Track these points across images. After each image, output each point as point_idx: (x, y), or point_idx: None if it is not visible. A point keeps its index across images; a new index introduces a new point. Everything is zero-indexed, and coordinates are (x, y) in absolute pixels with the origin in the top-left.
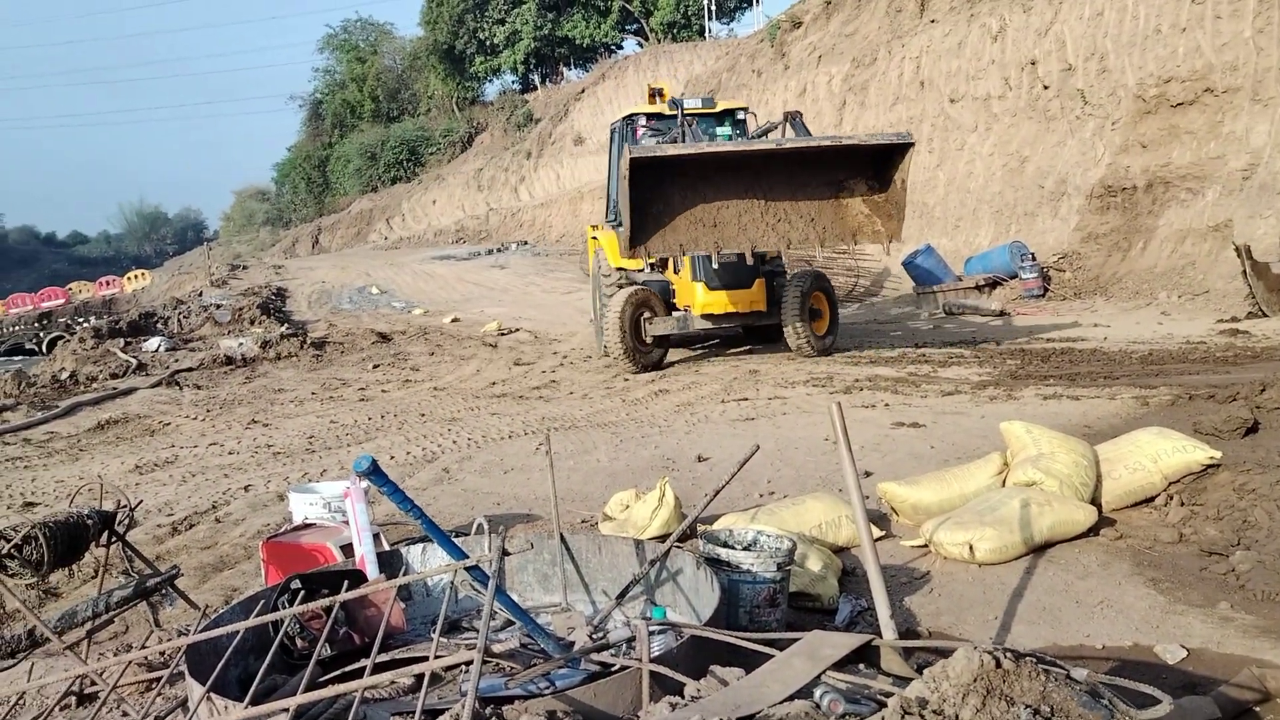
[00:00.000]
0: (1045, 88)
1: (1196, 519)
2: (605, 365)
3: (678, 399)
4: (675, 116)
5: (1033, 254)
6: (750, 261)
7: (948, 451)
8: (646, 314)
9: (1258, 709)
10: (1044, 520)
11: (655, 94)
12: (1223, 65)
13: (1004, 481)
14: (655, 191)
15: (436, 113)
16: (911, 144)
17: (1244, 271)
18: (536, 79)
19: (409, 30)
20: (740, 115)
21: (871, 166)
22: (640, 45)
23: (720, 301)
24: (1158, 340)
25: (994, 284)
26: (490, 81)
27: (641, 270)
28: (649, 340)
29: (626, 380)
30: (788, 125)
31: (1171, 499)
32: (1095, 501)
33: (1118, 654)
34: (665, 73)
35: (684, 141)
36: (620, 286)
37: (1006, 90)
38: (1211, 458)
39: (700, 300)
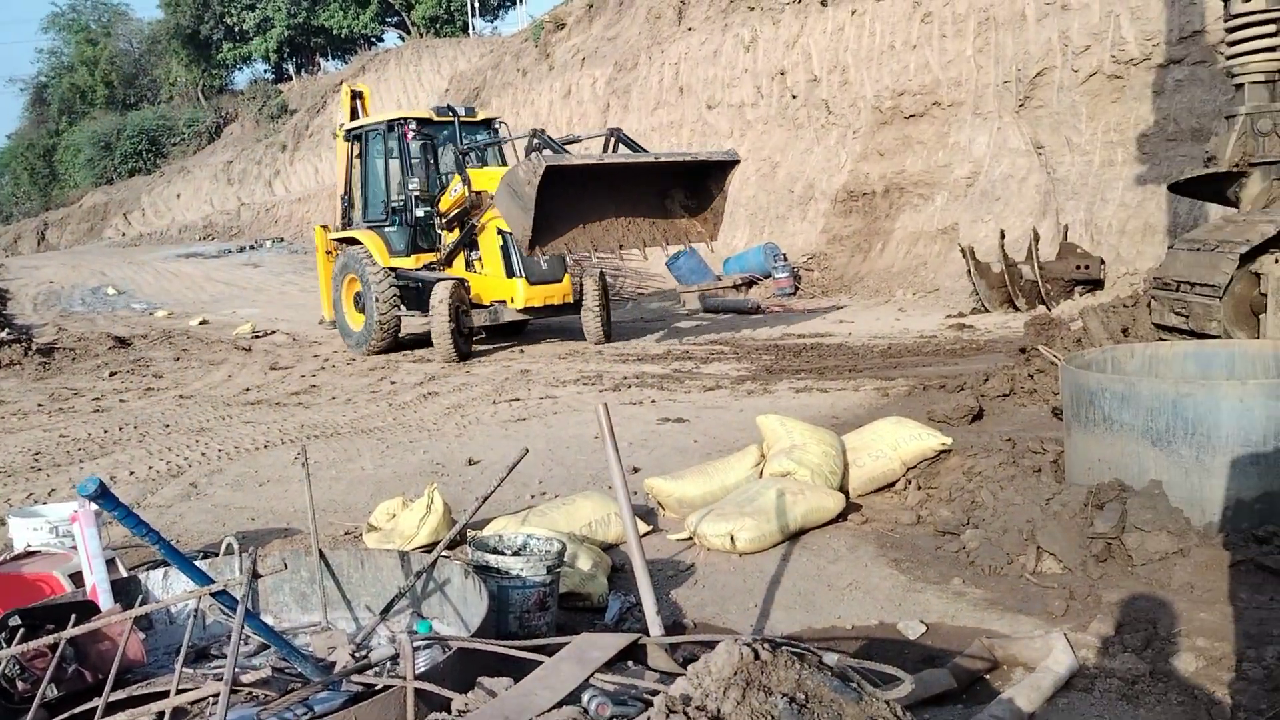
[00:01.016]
0: (794, 97)
1: (932, 501)
2: (370, 368)
3: (448, 401)
4: (442, 123)
5: (784, 255)
6: (568, 261)
7: (710, 445)
8: (463, 307)
9: (988, 676)
10: (798, 508)
11: (356, 96)
12: (948, 80)
13: (761, 472)
14: (549, 197)
15: (180, 101)
16: (737, 161)
17: (969, 271)
18: (291, 69)
19: (148, 12)
20: (496, 124)
21: (690, 177)
22: (402, 39)
23: (539, 294)
24: (895, 335)
25: (750, 283)
26: (240, 70)
27: (419, 269)
28: (466, 332)
29: (393, 383)
30: (614, 140)
31: (910, 483)
32: (844, 489)
33: (865, 633)
34: (429, 68)
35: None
36: (393, 286)
37: (759, 98)
38: (943, 444)
39: (521, 294)
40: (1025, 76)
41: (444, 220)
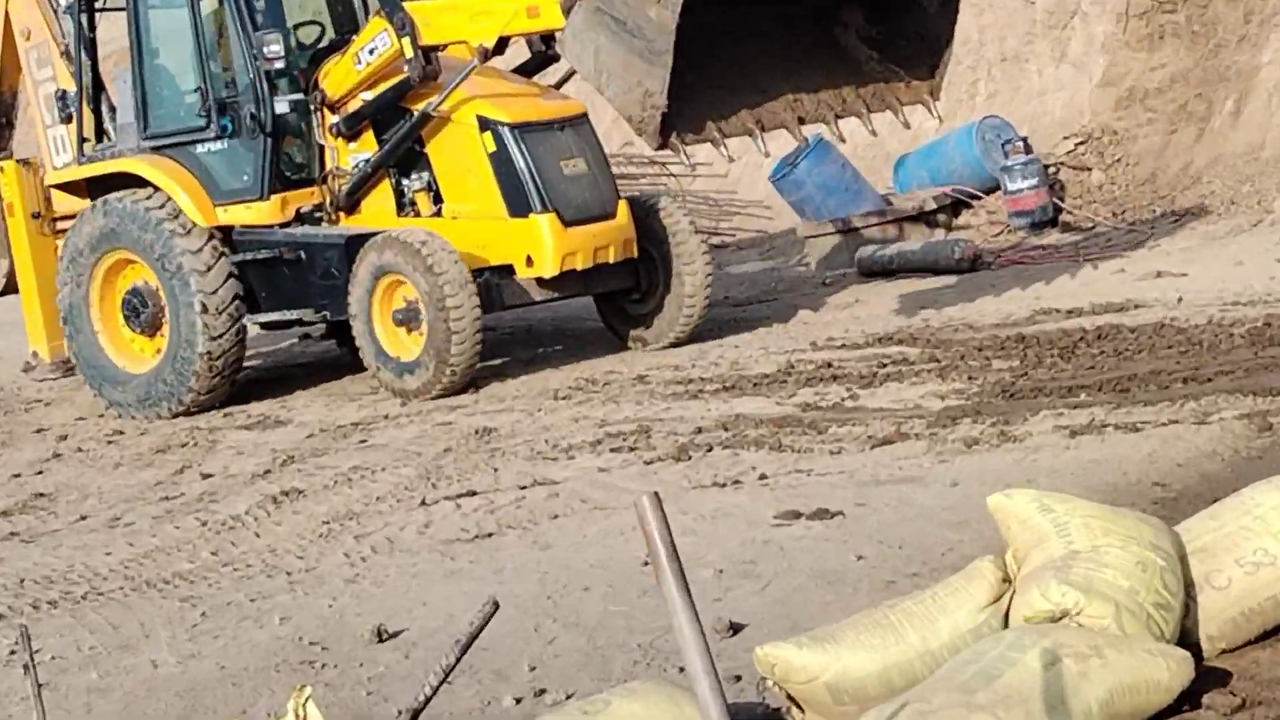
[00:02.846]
0: None
1: None
2: (159, 446)
3: (326, 505)
4: None
5: (1025, 140)
6: (597, 168)
7: (891, 563)
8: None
9: None
10: (1093, 690)
11: None
12: None
13: (1006, 617)
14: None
15: None
16: None
17: None
18: None
19: None
20: None
21: None
22: None
23: (584, 242)
24: (1277, 295)
25: (957, 205)
26: None
27: (286, 225)
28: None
29: (207, 477)
30: None
31: None
32: (1188, 639)
33: None
34: None
35: None
36: (230, 268)
37: None
38: None
39: (551, 246)
40: None
41: (341, 118)
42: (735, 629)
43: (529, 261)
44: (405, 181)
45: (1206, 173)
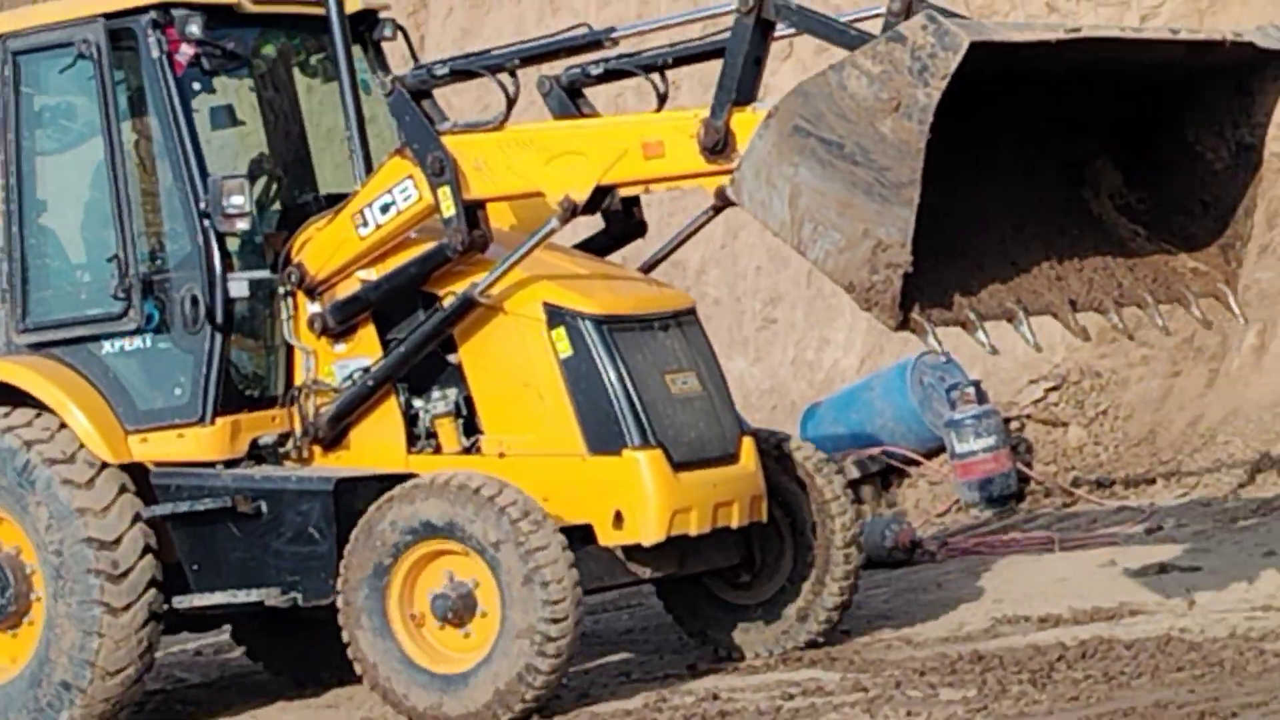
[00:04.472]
0: None
1: None
2: None
3: None
4: (254, 17)
5: (974, 382)
6: (714, 388)
7: None
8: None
9: None
10: None
11: None
12: None
13: None
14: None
15: None
16: None
17: None
18: None
19: None
20: (386, 27)
21: (1141, 121)
22: None
23: (703, 496)
24: None
25: (885, 474)
26: None
27: (212, 467)
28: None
29: None
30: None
31: None
32: None
33: None
34: None
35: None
36: (146, 542)
37: None
38: None
39: (655, 497)
40: None
41: (328, 307)
42: None
43: (618, 520)
44: (420, 402)
45: (1223, 429)
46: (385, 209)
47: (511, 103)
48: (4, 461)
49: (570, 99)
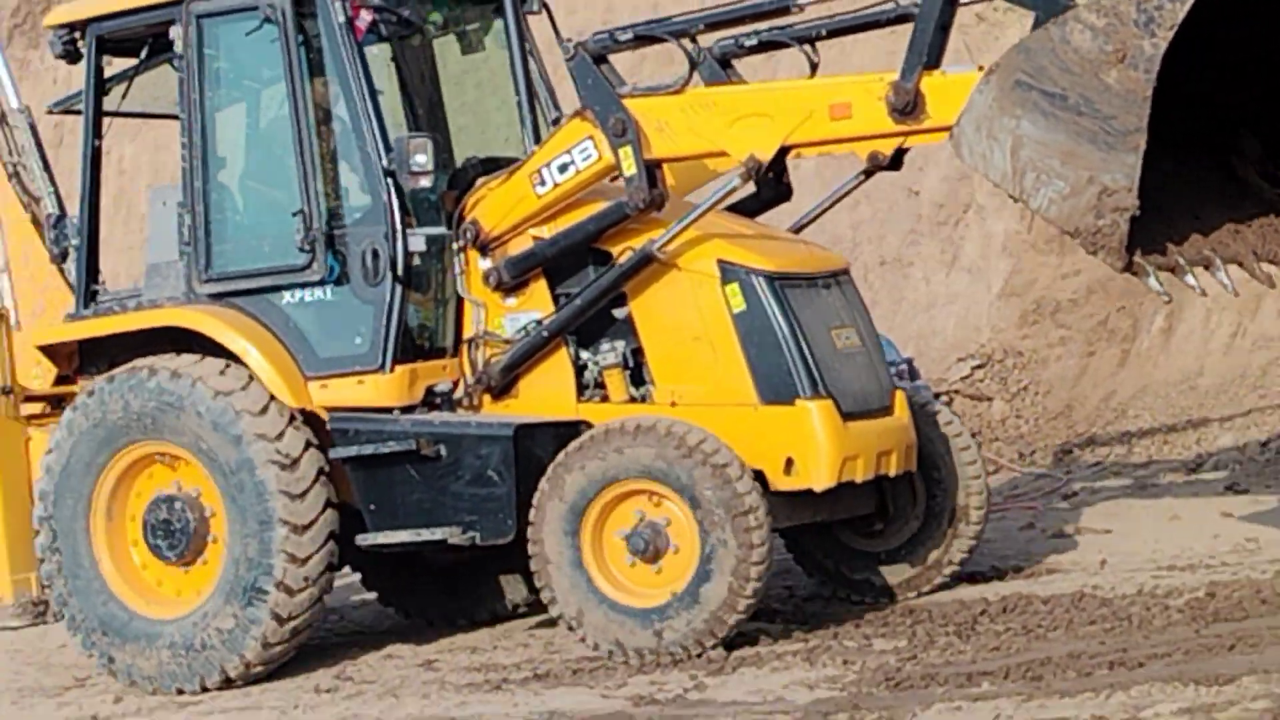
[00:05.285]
0: None
1: None
2: None
3: None
4: None
5: (906, 360)
6: (870, 344)
7: None
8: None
9: None
10: None
11: None
12: None
13: None
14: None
15: None
16: None
17: None
18: None
19: None
20: (534, 3)
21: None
22: None
23: (864, 445)
24: (1222, 556)
25: None
26: None
27: (390, 413)
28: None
29: None
30: None
31: None
32: None
33: None
34: None
35: None
36: (323, 474)
37: None
38: None
39: (826, 445)
40: None
41: (501, 263)
42: None
43: (788, 467)
44: (588, 353)
45: (1133, 404)
46: (564, 169)
47: (694, 66)
48: (188, 402)
49: (721, 68)
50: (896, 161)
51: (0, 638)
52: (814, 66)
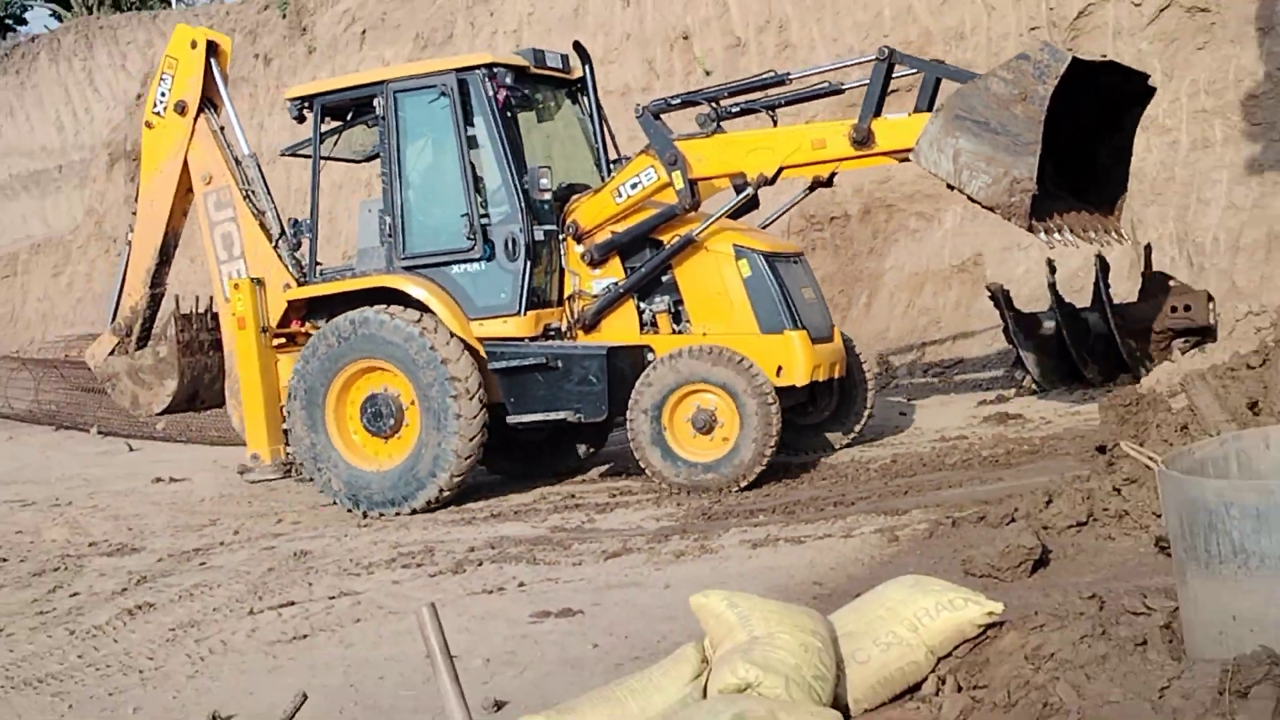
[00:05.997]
0: (707, 73)
1: (982, 710)
2: (33, 572)
3: (172, 616)
4: (538, 78)
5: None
6: (819, 298)
7: (619, 650)
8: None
9: None
10: None
11: (212, 52)
12: (944, 32)
13: (705, 688)
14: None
15: None
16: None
17: (1005, 329)
18: None
19: None
20: (590, 89)
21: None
22: (59, 18)
23: (824, 357)
24: (902, 438)
25: None
26: None
27: (522, 341)
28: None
29: (75, 595)
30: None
31: (944, 682)
32: (839, 702)
33: None
34: (106, 61)
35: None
36: (479, 375)
37: (651, 77)
38: (990, 613)
39: (802, 357)
40: (1063, 19)
41: (592, 247)
42: (499, 705)
43: (779, 372)
44: (644, 304)
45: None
46: (634, 186)
47: (720, 119)
48: (398, 334)
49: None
50: (830, 181)
51: (260, 487)
52: (775, 123)
